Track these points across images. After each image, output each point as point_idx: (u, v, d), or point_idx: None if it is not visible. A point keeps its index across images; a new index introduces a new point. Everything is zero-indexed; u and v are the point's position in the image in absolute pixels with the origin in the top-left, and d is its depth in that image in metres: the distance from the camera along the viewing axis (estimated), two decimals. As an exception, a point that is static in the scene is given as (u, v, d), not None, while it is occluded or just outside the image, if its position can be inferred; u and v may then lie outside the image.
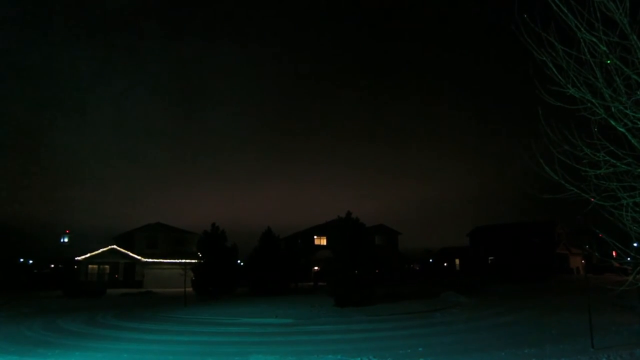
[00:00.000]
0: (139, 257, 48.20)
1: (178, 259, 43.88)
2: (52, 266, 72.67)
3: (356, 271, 23.92)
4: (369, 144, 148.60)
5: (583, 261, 57.76)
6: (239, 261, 38.31)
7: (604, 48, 5.16)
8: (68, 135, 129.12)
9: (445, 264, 67.97)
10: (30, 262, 72.82)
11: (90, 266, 47.06)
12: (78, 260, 47.21)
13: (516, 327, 16.00)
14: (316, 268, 50.55)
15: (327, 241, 52.07)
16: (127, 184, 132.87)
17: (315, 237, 56.20)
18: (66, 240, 53.35)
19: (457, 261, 67.29)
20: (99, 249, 47.51)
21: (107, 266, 47.57)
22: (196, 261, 34.68)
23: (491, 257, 61.92)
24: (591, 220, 6.54)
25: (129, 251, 48.35)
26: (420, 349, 12.17)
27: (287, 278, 36.98)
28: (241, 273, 36.57)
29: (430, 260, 71.48)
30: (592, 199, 5.76)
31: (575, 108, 5.57)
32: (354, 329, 16.72)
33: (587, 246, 43.43)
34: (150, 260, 48.41)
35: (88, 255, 46.94)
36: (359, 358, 11.26)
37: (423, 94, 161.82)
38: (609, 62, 5.21)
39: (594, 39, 5.16)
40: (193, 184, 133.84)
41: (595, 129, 5.58)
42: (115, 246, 48.38)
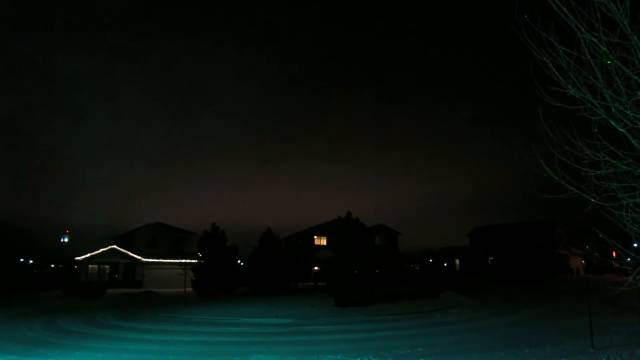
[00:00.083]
0: (139, 257, 48.19)
1: (178, 259, 43.85)
2: (52, 266, 72.57)
3: (356, 271, 23.93)
4: (369, 144, 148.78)
5: (583, 261, 57.67)
6: (239, 261, 38.34)
7: (604, 48, 5.15)
8: (68, 135, 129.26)
9: (445, 264, 67.92)
10: (30, 262, 72.73)
11: (90, 266, 47.06)
12: (78, 260, 47.21)
13: (516, 328, 16.01)
14: (316, 268, 50.55)
15: (327, 241, 52.05)
16: (127, 184, 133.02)
17: (315, 237, 56.23)
18: (66, 240, 53.33)
19: (457, 261, 67.27)
20: (99, 249, 47.51)
21: (107, 266, 47.57)
22: (196, 261, 34.72)
23: (491, 257, 61.84)
24: (591, 220, 6.52)
25: (129, 251, 48.34)
26: (420, 349, 12.18)
27: (287, 278, 37.00)
28: (241, 273, 36.63)
29: (430, 260, 71.39)
30: (592, 200, 5.75)
31: (575, 108, 5.56)
32: (354, 329, 16.72)
33: (587, 246, 43.34)
34: (150, 260, 48.40)
35: (88, 255, 46.93)
36: (359, 358, 11.27)
37: (423, 94, 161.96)
38: (609, 63, 5.20)
39: (594, 40, 5.15)
40: (193, 184, 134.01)
41: (595, 130, 5.57)
42: (115, 246, 48.39)
